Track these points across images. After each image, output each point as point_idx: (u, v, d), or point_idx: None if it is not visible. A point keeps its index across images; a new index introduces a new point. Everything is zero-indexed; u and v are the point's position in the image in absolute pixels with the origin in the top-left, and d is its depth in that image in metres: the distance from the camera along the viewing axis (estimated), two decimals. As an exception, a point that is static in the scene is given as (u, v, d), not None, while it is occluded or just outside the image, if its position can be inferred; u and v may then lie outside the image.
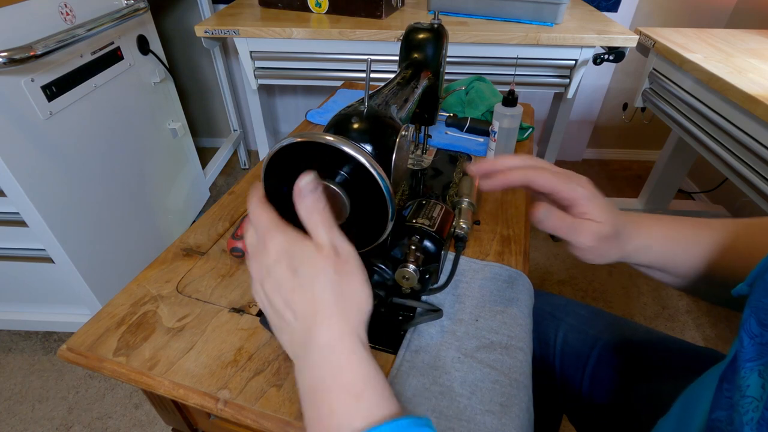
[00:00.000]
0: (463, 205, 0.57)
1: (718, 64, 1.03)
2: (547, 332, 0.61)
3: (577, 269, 1.54)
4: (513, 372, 0.44)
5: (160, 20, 1.76)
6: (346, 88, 1.09)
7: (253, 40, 1.28)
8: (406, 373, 0.44)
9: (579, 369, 0.57)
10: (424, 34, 0.59)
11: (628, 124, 2.07)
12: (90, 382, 1.17)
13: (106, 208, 1.12)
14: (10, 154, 0.84)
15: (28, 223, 0.93)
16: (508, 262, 0.58)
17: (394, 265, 0.46)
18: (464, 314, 0.50)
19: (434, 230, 0.46)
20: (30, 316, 1.18)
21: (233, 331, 0.48)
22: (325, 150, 0.36)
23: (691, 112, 1.13)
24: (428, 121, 0.67)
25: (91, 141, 1.06)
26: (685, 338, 1.32)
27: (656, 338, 0.57)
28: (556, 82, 1.34)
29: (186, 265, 0.57)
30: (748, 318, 0.28)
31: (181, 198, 1.52)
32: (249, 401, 0.41)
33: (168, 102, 1.41)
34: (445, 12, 1.33)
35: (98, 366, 0.45)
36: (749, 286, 0.31)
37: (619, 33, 1.21)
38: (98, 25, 0.96)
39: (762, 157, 0.90)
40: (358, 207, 0.38)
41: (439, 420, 0.40)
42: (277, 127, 2.14)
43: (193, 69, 1.96)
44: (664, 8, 1.70)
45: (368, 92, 0.39)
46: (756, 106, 0.87)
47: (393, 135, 0.40)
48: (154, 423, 1.09)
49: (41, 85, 0.89)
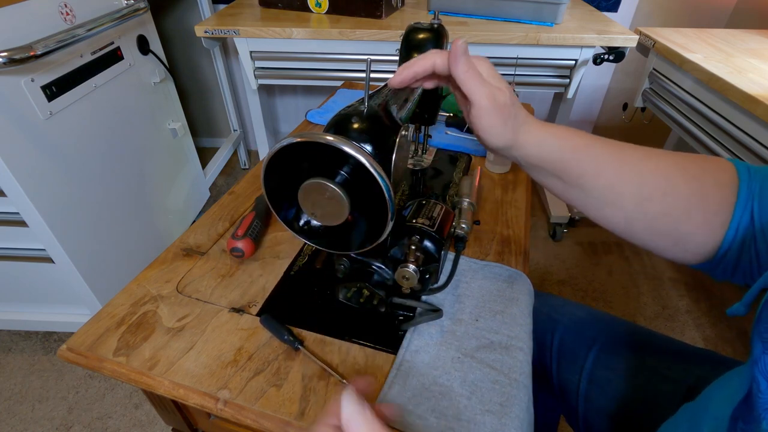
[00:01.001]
0: (463, 205, 0.58)
1: (718, 64, 1.03)
2: (544, 334, 0.61)
3: (577, 269, 1.54)
4: (513, 372, 0.44)
5: (160, 20, 1.76)
6: (346, 88, 1.09)
7: (253, 40, 1.28)
8: (406, 373, 0.44)
9: (576, 371, 0.57)
10: (424, 34, 0.58)
11: (628, 124, 2.07)
12: (90, 382, 1.17)
13: (106, 208, 1.12)
14: (10, 154, 0.84)
15: (28, 223, 0.93)
16: (508, 262, 0.58)
17: (394, 265, 0.46)
18: (464, 314, 0.50)
19: (434, 230, 0.46)
20: (30, 316, 1.18)
21: (233, 331, 0.48)
22: (326, 150, 0.36)
23: (691, 112, 1.13)
24: (428, 121, 0.67)
25: (91, 141, 1.06)
26: (685, 338, 1.33)
27: (655, 340, 0.57)
28: (556, 82, 1.34)
29: (186, 265, 0.57)
30: (761, 356, 0.26)
31: (181, 198, 1.52)
32: (249, 401, 0.41)
33: (168, 102, 1.41)
34: (445, 12, 1.33)
35: (98, 366, 0.45)
36: (745, 307, 0.30)
37: (619, 33, 1.21)
38: (98, 25, 0.96)
39: (762, 157, 0.90)
40: (358, 207, 0.39)
41: (439, 420, 0.40)
42: (277, 127, 2.14)
43: (193, 69, 1.96)
44: (664, 8, 1.70)
45: (368, 92, 0.40)
46: (756, 106, 0.87)
47: (393, 135, 0.40)
48: (154, 423, 1.09)
49: (41, 85, 0.89)
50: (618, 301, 1.43)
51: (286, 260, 0.58)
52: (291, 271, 0.56)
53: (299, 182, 0.38)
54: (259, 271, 0.56)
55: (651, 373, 0.53)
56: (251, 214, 0.60)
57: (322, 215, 0.40)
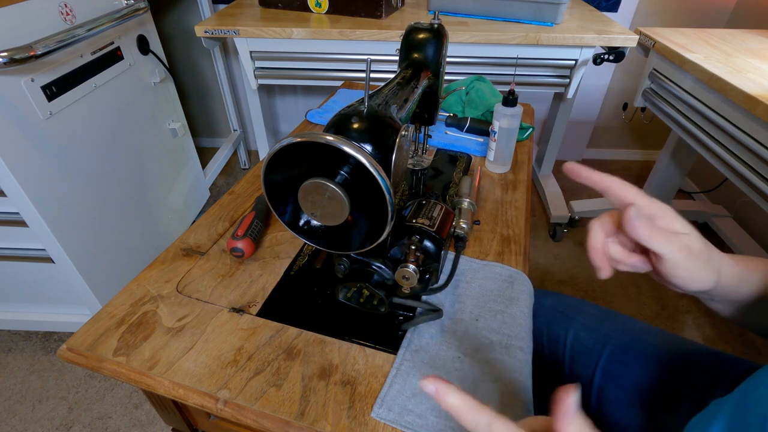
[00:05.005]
0: (463, 205, 0.58)
1: (718, 64, 1.03)
2: (558, 330, 0.61)
3: (577, 269, 1.54)
4: (513, 372, 0.44)
5: (160, 20, 1.76)
6: (346, 88, 1.09)
7: (253, 40, 1.28)
8: (406, 373, 0.44)
9: (590, 366, 0.57)
10: (424, 34, 0.59)
11: (628, 124, 2.08)
12: (90, 382, 1.17)
13: (106, 207, 1.12)
14: (10, 154, 0.84)
15: (28, 223, 0.93)
16: (508, 262, 0.58)
17: (394, 265, 0.46)
18: (464, 314, 0.50)
19: (434, 230, 0.46)
20: (30, 316, 1.18)
21: (233, 331, 0.48)
22: (326, 150, 0.36)
23: (691, 112, 1.13)
24: (428, 121, 0.67)
25: (91, 141, 1.06)
26: (685, 338, 1.33)
27: (672, 340, 0.57)
28: (556, 82, 1.34)
29: (186, 265, 0.57)
30: None
31: (181, 198, 1.52)
32: (249, 401, 0.41)
33: (168, 102, 1.41)
34: (445, 12, 1.33)
35: (98, 366, 0.45)
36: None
37: (619, 33, 1.21)
38: (98, 25, 0.96)
39: (762, 157, 0.90)
40: (358, 207, 0.39)
41: (439, 420, 0.40)
42: (277, 127, 2.14)
43: (193, 69, 1.96)
44: (664, 8, 1.70)
45: (368, 92, 0.40)
46: (756, 106, 0.87)
47: (393, 135, 0.40)
48: (154, 423, 1.09)
49: (41, 85, 0.89)
50: (618, 301, 1.43)
51: (286, 260, 0.58)
52: (291, 271, 0.56)
53: (299, 182, 0.38)
54: (259, 271, 0.56)
55: (668, 374, 0.53)
56: (251, 214, 0.60)
57: (322, 215, 0.40)
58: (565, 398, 0.25)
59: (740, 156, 0.98)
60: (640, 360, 0.55)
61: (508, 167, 0.78)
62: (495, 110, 0.73)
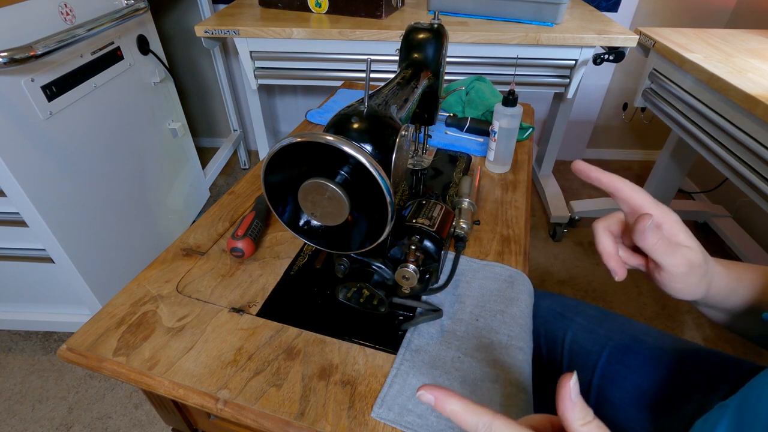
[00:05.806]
0: (463, 205, 0.58)
1: (718, 64, 1.03)
2: (556, 331, 0.61)
3: (577, 269, 1.54)
4: (513, 372, 0.44)
5: (160, 20, 1.76)
6: (346, 88, 1.09)
7: (253, 40, 1.28)
8: (406, 373, 0.44)
9: (589, 367, 0.57)
10: (424, 34, 0.59)
11: (628, 124, 2.08)
12: (90, 382, 1.17)
13: (106, 207, 1.12)
14: (10, 154, 0.84)
15: (28, 223, 0.93)
16: (508, 262, 0.58)
17: (394, 265, 0.46)
18: (464, 314, 0.50)
19: (434, 230, 0.46)
20: (30, 316, 1.18)
21: (233, 331, 0.48)
22: (326, 150, 0.36)
23: (691, 112, 1.13)
24: (428, 121, 0.67)
25: (91, 141, 1.06)
26: (685, 338, 1.32)
27: (671, 341, 0.57)
28: (556, 82, 1.34)
29: (186, 265, 0.57)
30: None
31: (181, 198, 1.52)
32: (249, 401, 0.41)
33: (168, 102, 1.41)
34: (445, 12, 1.33)
35: (98, 366, 0.45)
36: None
37: (619, 33, 1.21)
38: (98, 25, 0.96)
39: (762, 157, 0.90)
40: (358, 207, 0.39)
41: (439, 420, 0.40)
42: (277, 127, 2.14)
43: (193, 69, 1.96)
44: (664, 8, 1.70)
45: (368, 92, 0.40)
46: (756, 106, 0.87)
47: (393, 135, 0.40)
48: (154, 423, 1.09)
49: (41, 85, 0.89)
50: (618, 301, 1.43)
51: (286, 260, 0.58)
52: (291, 271, 0.56)
53: (299, 182, 0.38)
54: (258, 271, 0.56)
55: (668, 375, 0.53)
56: (251, 214, 0.60)
57: (322, 215, 0.40)
58: (566, 382, 0.26)
59: (740, 156, 0.98)
60: (640, 361, 0.55)
61: (508, 167, 0.78)
62: (495, 110, 0.73)
